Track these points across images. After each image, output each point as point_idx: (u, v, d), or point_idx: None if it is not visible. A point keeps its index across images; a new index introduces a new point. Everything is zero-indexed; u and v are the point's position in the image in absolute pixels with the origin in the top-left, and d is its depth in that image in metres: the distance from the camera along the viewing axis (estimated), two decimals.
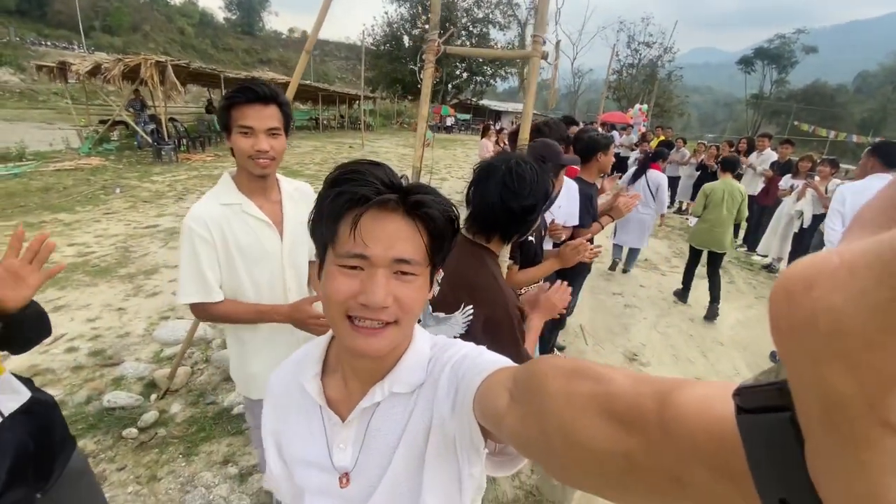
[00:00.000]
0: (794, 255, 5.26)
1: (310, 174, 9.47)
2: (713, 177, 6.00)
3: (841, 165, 5.96)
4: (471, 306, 1.18)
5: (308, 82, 19.73)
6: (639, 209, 4.21)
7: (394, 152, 14.87)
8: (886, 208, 0.16)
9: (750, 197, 5.29)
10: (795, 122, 24.77)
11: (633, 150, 9.88)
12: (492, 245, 1.25)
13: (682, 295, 4.61)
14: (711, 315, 4.18)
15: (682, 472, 0.24)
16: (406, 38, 34.16)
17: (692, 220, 6.05)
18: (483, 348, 0.62)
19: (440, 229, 0.58)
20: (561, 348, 3.43)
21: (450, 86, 33.26)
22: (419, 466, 0.60)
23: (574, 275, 2.74)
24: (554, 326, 3.03)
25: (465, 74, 35.81)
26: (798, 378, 0.16)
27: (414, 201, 0.56)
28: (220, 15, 72.14)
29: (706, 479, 0.22)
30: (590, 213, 2.57)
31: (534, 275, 1.80)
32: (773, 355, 3.44)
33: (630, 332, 3.91)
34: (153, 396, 2.46)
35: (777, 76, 44.03)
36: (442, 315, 1.21)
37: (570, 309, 3.38)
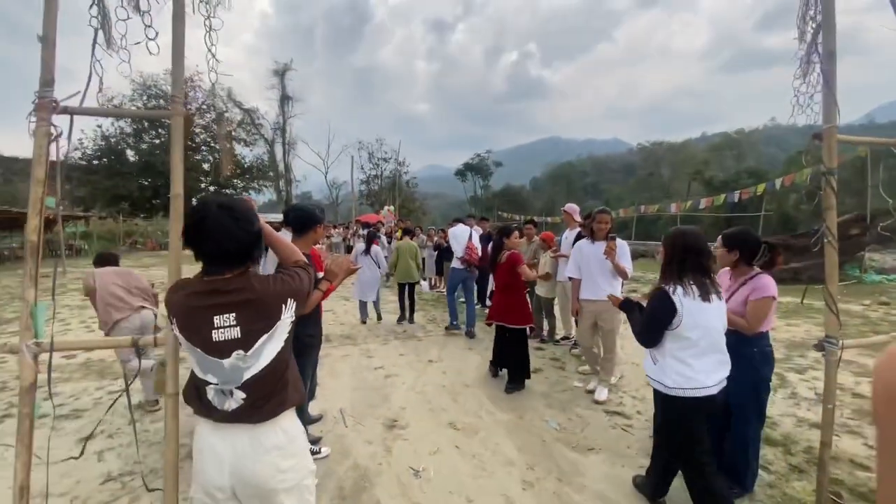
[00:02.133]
0: None
1: None
2: (448, 252, 7.56)
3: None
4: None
5: None
6: (365, 272, 6.70)
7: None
8: None
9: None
10: (499, 213, 32.95)
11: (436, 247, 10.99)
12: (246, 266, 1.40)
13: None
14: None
15: None
16: (130, 152, 30.23)
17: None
18: None
19: None
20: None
21: (193, 200, 30.40)
22: None
23: (304, 357, 2.63)
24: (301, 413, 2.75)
25: (212, 188, 33.63)
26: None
27: None
28: None
29: None
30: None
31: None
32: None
33: (390, 400, 3.92)
34: None
35: (483, 182, 58.70)
36: None
37: (310, 393, 3.18)
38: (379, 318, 7.08)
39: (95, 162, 28.36)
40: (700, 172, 42.28)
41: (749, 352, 2.40)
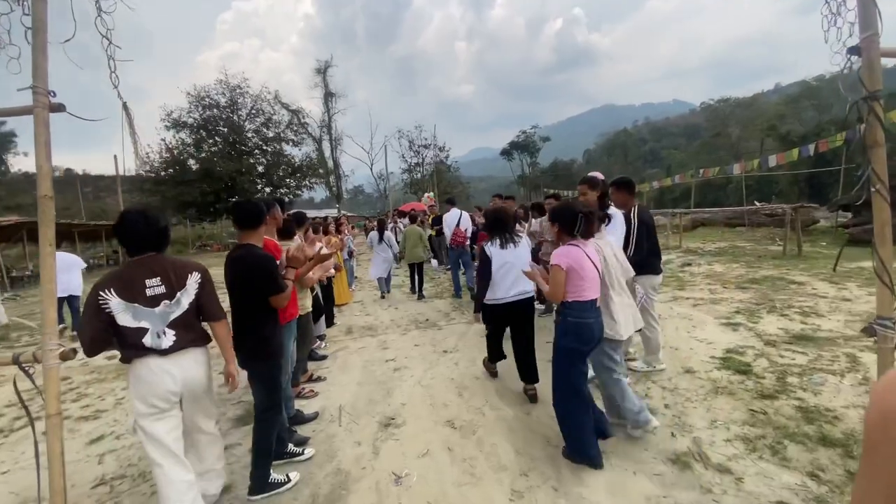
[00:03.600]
0: None
1: None
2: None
3: None
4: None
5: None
6: (380, 254, 8.12)
7: None
8: None
9: None
10: (545, 190, 31.65)
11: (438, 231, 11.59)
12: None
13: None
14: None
15: None
16: (192, 162, 32.43)
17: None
18: None
19: None
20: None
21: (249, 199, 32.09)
22: None
23: (259, 367, 2.48)
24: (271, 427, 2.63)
25: (267, 189, 35.34)
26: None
27: None
28: None
29: None
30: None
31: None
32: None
33: (393, 395, 3.73)
34: None
35: (530, 160, 56.86)
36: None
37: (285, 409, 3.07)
38: (388, 291, 8.34)
39: (163, 173, 30.73)
40: (774, 128, 37.90)
41: (559, 319, 2.66)
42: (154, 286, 2.07)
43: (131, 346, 2.02)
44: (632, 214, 3.56)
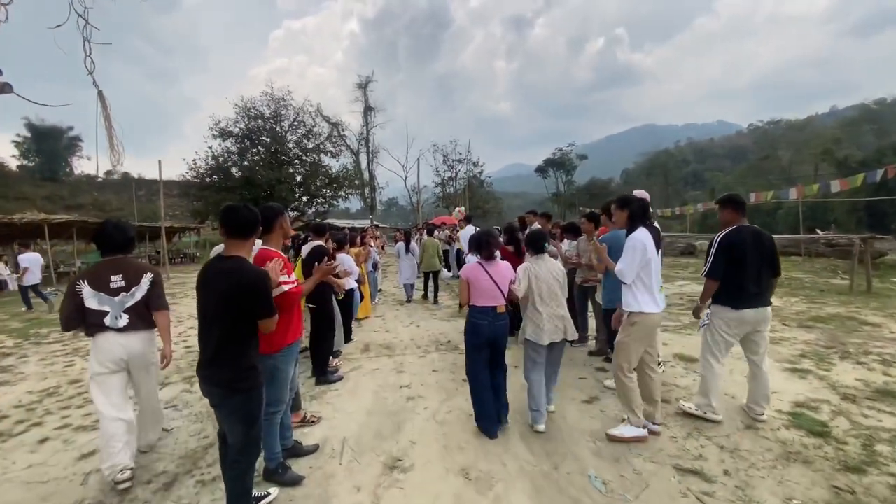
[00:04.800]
0: None
1: None
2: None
3: None
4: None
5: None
6: (405, 263, 9.14)
7: None
8: None
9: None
10: (580, 209, 30.78)
11: (448, 242, 12.39)
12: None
13: None
14: None
15: None
16: (235, 169, 33.65)
17: None
18: None
19: None
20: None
21: (288, 210, 32.94)
22: None
23: (243, 403, 2.15)
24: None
25: (305, 198, 36.19)
26: None
27: None
28: (15, 163, 62.01)
29: None
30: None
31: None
32: None
33: (403, 430, 3.35)
34: None
35: (566, 178, 55.84)
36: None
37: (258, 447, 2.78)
38: (411, 298, 9.12)
39: (207, 179, 32.04)
40: (830, 152, 35.62)
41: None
42: (117, 281, 2.78)
43: (94, 324, 2.73)
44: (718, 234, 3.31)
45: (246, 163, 33.50)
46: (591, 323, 5.42)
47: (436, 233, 10.93)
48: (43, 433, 3.48)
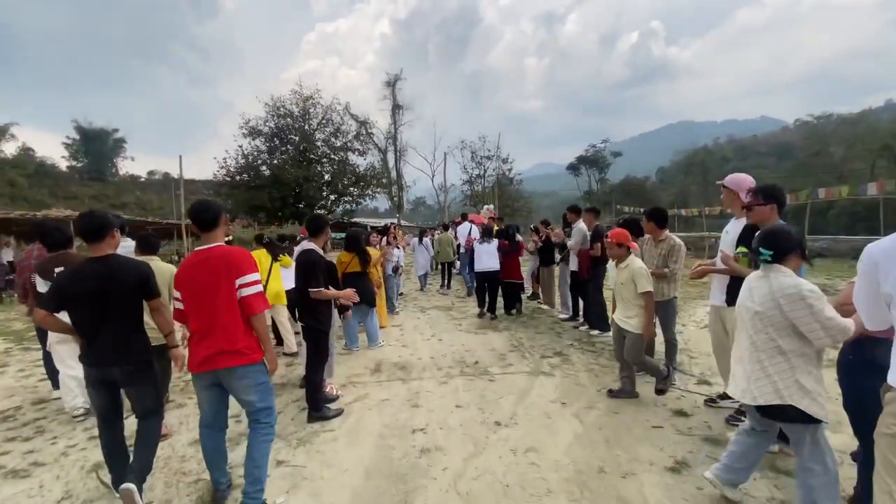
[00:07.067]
0: None
1: None
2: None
3: None
4: None
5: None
6: (419, 255, 10.58)
7: None
8: None
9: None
10: (618, 207, 28.98)
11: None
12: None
13: None
14: None
15: None
16: (265, 168, 33.69)
17: None
18: None
19: None
20: None
21: (314, 208, 32.71)
22: None
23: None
24: None
25: (332, 196, 35.98)
26: None
27: None
28: (64, 164, 65.03)
29: None
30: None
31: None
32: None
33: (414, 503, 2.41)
34: None
35: (599, 176, 53.64)
36: None
37: None
38: (424, 287, 10.52)
39: (238, 178, 32.21)
40: (889, 147, 32.50)
41: None
42: (59, 271, 2.98)
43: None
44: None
45: (275, 161, 33.46)
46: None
47: (450, 230, 11.79)
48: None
